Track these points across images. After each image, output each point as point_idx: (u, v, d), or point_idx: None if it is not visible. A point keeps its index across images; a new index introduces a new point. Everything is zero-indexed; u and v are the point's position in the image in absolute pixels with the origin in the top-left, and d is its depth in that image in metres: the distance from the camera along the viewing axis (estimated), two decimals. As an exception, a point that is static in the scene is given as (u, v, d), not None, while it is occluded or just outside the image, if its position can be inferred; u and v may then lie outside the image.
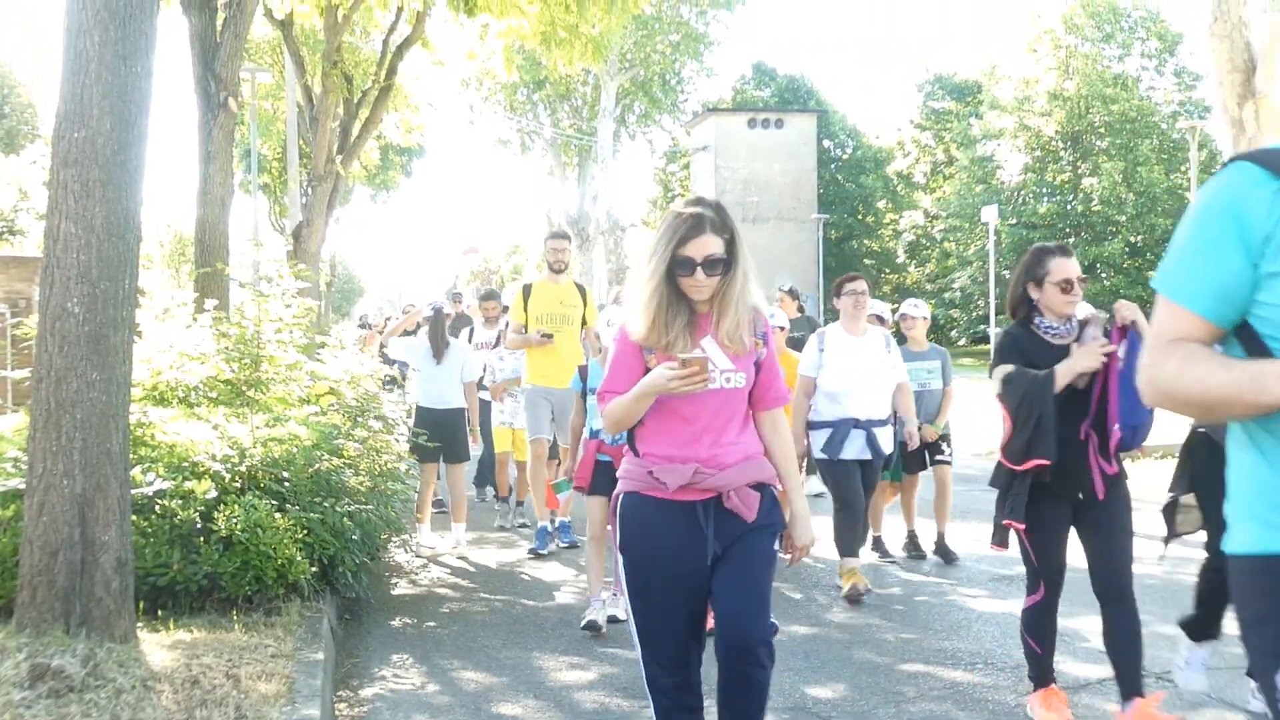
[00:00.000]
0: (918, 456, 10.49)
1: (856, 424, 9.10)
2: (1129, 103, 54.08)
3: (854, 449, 9.08)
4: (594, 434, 8.15)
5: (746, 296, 4.45)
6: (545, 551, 10.74)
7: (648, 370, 4.33)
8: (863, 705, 6.40)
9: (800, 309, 14.77)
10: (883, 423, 9.27)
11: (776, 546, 4.53)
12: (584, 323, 10.80)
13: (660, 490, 4.37)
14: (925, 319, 10.97)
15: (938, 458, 10.58)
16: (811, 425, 9.24)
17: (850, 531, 9.03)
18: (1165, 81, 57.81)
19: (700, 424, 4.38)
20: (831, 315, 15.97)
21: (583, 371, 8.64)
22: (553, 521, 11.08)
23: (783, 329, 10.58)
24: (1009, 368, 5.79)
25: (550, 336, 10.57)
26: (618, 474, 4.61)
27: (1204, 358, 2.45)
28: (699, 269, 4.29)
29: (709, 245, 4.31)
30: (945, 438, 10.65)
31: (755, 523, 4.39)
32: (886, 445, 9.32)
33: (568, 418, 9.70)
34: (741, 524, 4.38)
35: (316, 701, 5.72)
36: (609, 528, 7.16)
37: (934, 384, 10.62)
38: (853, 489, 9.03)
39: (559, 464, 10.78)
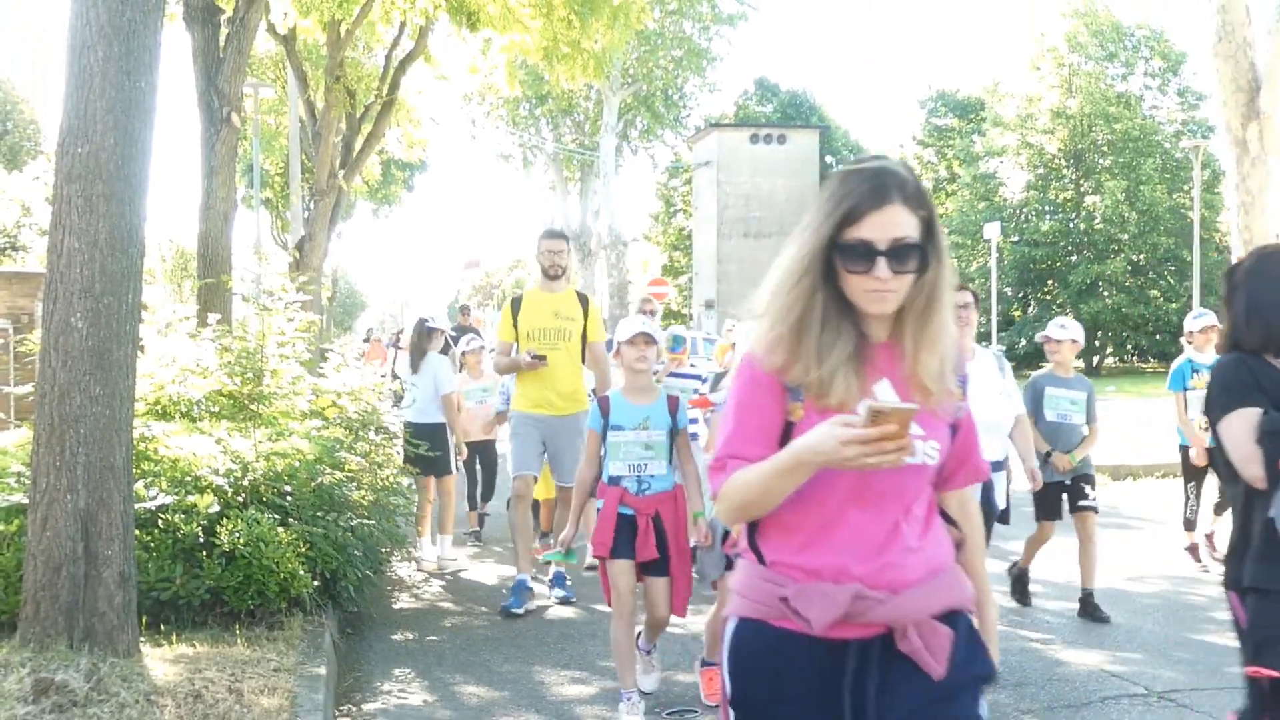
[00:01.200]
0: (1053, 500, 8.97)
1: None
2: (1132, 121, 54.08)
3: None
4: (613, 480, 6.63)
5: (948, 316, 2.92)
6: (520, 611, 8.88)
7: (790, 425, 2.84)
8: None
9: None
10: (998, 467, 7.46)
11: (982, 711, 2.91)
12: (585, 338, 9.25)
13: (798, 623, 2.80)
14: (1075, 341, 9.20)
15: (1081, 503, 8.93)
16: None
17: None
18: (1168, 101, 57.81)
19: (867, 518, 2.81)
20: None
21: (604, 404, 6.72)
22: (542, 572, 9.80)
23: None
24: (1256, 412, 4.03)
25: (543, 359, 9.00)
26: (733, 588, 2.99)
27: None
28: (881, 261, 2.75)
29: (898, 223, 2.77)
30: (1088, 478, 9.03)
31: (949, 681, 2.80)
32: (1001, 498, 7.55)
33: (565, 451, 9.12)
34: (926, 683, 2.79)
35: (319, 716, 5.73)
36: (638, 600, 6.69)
37: (1075, 417, 9.00)
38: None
39: (557, 509, 9.87)
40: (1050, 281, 54.24)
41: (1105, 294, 51.83)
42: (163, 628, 7.06)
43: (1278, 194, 16.47)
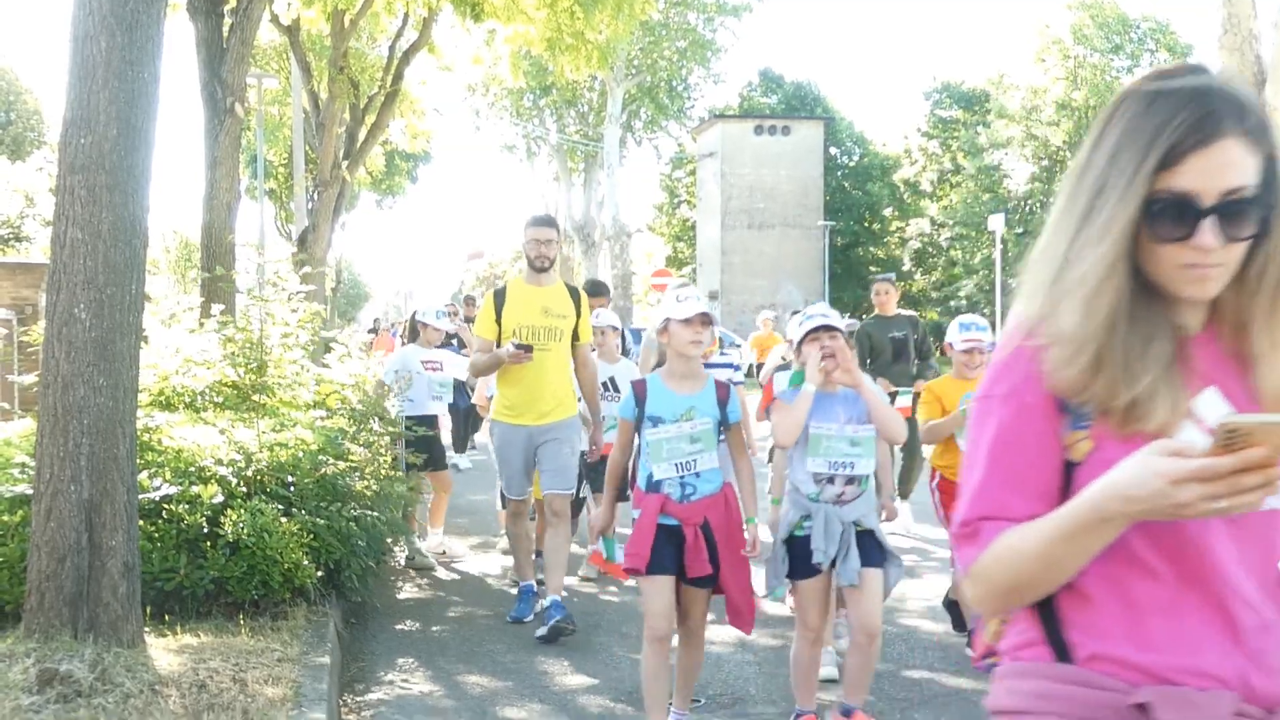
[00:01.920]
0: None
1: None
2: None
3: None
4: (653, 485, 5.76)
5: None
6: (530, 619, 8.35)
7: (1070, 465, 2.06)
8: None
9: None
10: None
11: None
12: (576, 338, 8.37)
13: None
14: None
15: None
16: None
17: None
18: (1174, 92, 57.72)
19: (1228, 587, 2.01)
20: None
21: (640, 390, 5.89)
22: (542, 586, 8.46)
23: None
24: None
25: (528, 350, 8.03)
26: (1006, 707, 2.13)
27: None
28: (1206, 223, 1.93)
29: (1232, 166, 1.92)
30: None
31: None
32: None
33: (552, 458, 8.23)
34: None
35: (322, 705, 5.73)
36: (676, 626, 5.88)
37: None
38: None
39: (545, 524, 8.72)
40: (1054, 273, 54.23)
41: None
42: (167, 618, 7.07)
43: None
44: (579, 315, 8.34)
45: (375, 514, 8.56)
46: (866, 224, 68.07)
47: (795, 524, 5.87)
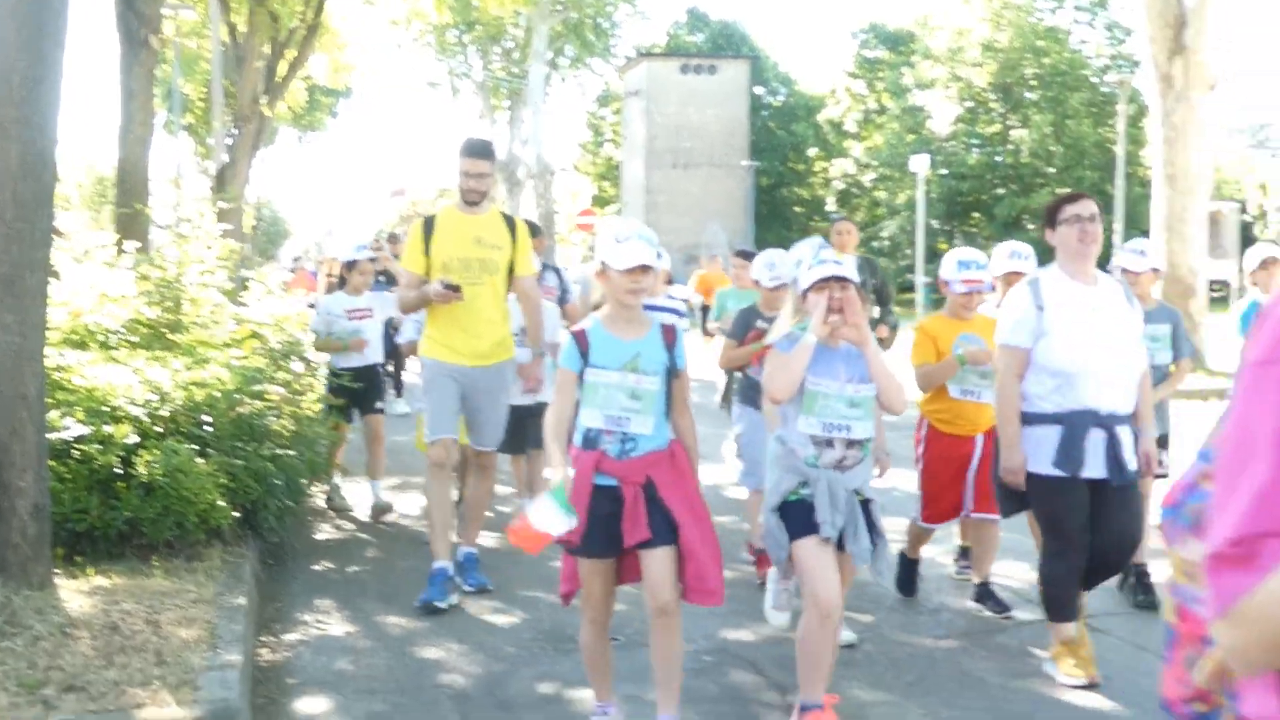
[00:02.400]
0: None
1: (1097, 420, 5.91)
2: (1060, 56, 54.41)
3: (1094, 462, 5.89)
4: (588, 442, 5.11)
5: None
6: (444, 606, 7.26)
7: None
8: None
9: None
10: (1124, 420, 6.03)
11: None
12: (512, 270, 7.72)
13: None
14: (1156, 271, 7.76)
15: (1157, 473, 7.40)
16: (1028, 420, 6.05)
17: (1065, 589, 6.08)
18: (1096, 35, 58.10)
19: None
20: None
21: (581, 339, 5.16)
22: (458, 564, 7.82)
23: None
24: None
25: (457, 289, 7.37)
26: None
27: None
28: None
29: None
30: (1163, 439, 7.67)
31: None
32: (1131, 457, 6.03)
33: (485, 410, 7.75)
34: None
35: (238, 646, 5.69)
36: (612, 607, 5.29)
37: (1160, 357, 7.45)
38: (1079, 526, 5.93)
39: (470, 474, 8.38)
40: (976, 214, 54.62)
41: (1030, 227, 52.26)
42: (78, 560, 6.97)
43: (1201, 129, 16.64)
44: (515, 246, 7.64)
45: (293, 454, 8.48)
46: (791, 164, 68.13)
47: (791, 490, 5.32)
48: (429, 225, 7.64)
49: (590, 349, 5.09)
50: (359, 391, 10.04)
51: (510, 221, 7.77)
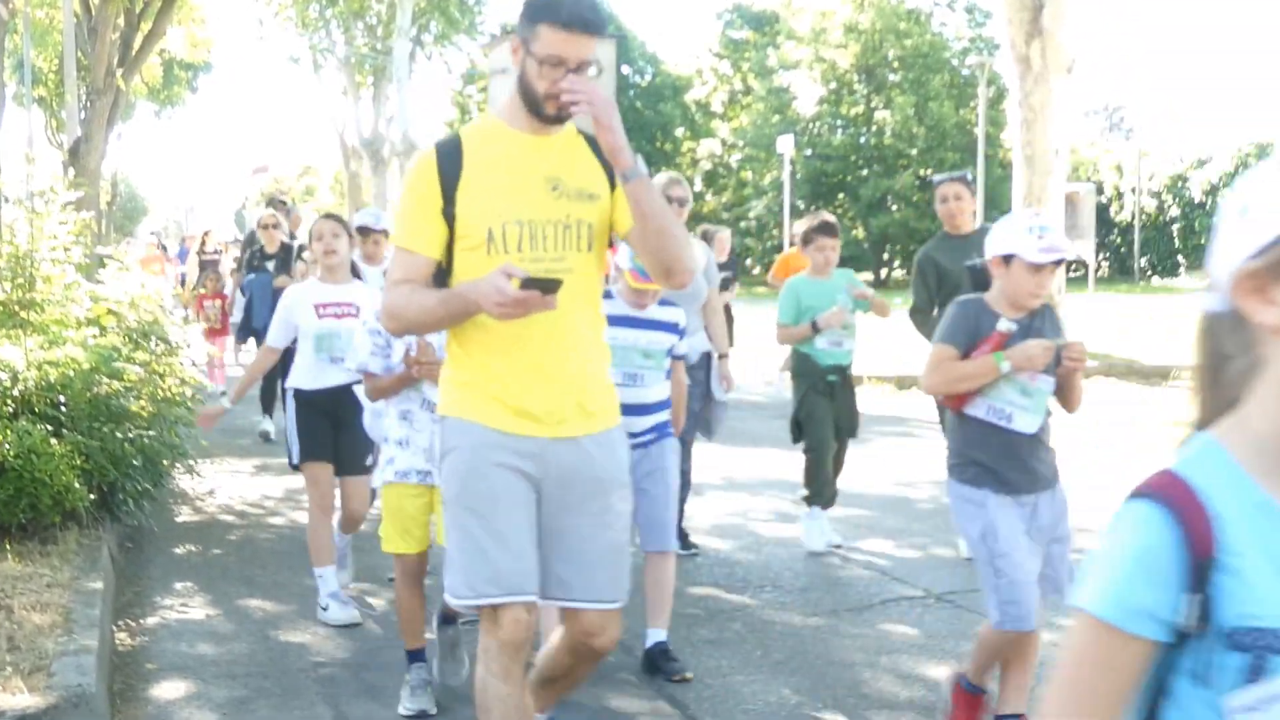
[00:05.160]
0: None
1: None
2: (921, 38, 55.16)
3: None
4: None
5: None
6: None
7: None
8: None
9: None
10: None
11: None
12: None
13: None
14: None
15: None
16: None
17: None
18: (957, 18, 59.01)
19: None
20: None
21: None
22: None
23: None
24: None
25: (551, 289, 3.62)
26: None
27: None
28: None
29: None
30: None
31: None
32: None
33: (586, 530, 4.26)
34: None
35: (94, 631, 5.56)
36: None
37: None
38: None
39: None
40: (841, 195, 55.20)
41: (894, 208, 53.07)
42: (-74, 544, 6.76)
43: (1058, 111, 16.99)
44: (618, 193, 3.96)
45: (153, 435, 8.31)
46: (659, 144, 68.22)
47: None
48: (451, 155, 3.89)
49: None
50: (333, 430, 6.77)
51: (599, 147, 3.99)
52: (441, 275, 3.92)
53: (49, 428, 7.41)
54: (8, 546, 6.86)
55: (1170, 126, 77.37)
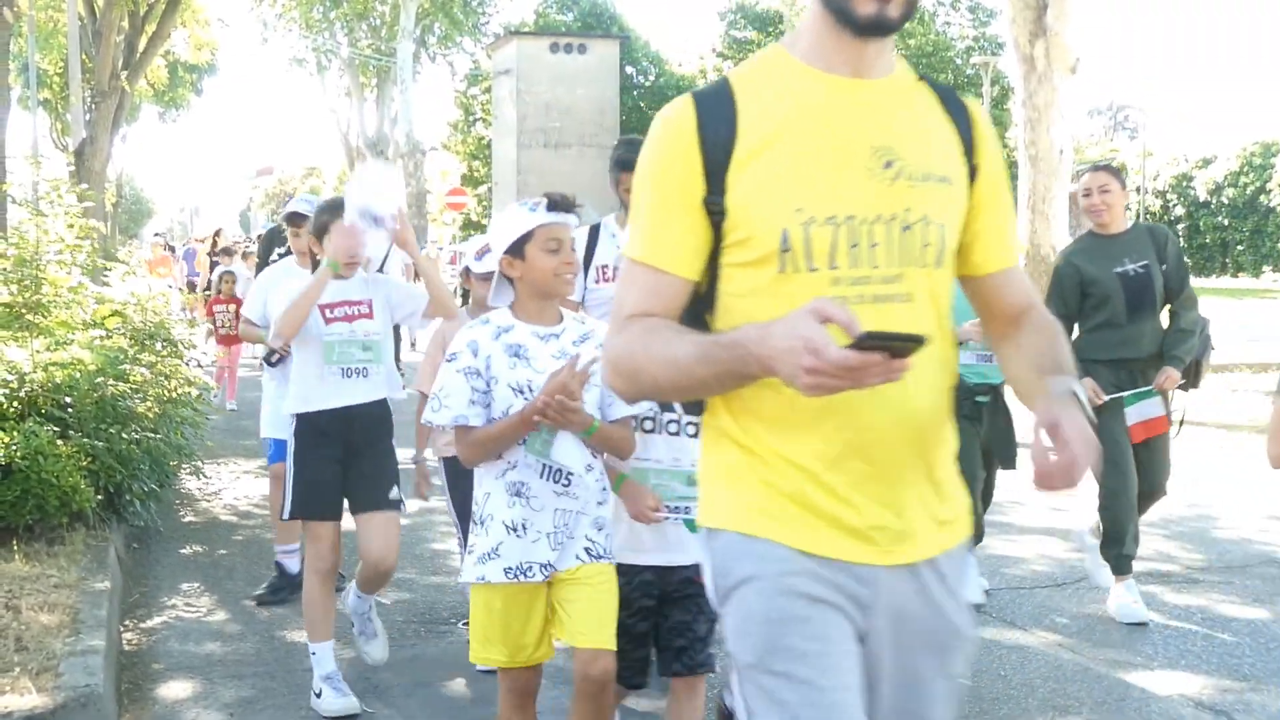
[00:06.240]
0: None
1: None
2: (925, 37, 55.19)
3: None
4: None
5: None
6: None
7: None
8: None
9: None
10: None
11: None
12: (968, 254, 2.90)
13: None
14: None
15: None
16: None
17: None
18: (960, 17, 59.03)
19: None
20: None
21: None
22: None
23: None
24: None
25: (904, 349, 2.01)
26: None
27: None
28: None
29: None
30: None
31: None
32: None
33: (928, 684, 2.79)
34: None
35: (101, 632, 5.58)
36: None
37: None
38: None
39: None
40: (845, 195, 55.27)
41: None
42: (-66, 545, 6.79)
43: (1062, 110, 17.00)
44: (982, 175, 2.56)
45: (159, 436, 8.34)
46: (662, 144, 68.22)
47: None
48: (721, 112, 2.41)
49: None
50: (345, 462, 5.49)
51: (959, 106, 2.57)
52: (698, 305, 2.46)
53: (55, 429, 7.44)
54: (15, 547, 6.88)
55: (1175, 126, 77.34)
